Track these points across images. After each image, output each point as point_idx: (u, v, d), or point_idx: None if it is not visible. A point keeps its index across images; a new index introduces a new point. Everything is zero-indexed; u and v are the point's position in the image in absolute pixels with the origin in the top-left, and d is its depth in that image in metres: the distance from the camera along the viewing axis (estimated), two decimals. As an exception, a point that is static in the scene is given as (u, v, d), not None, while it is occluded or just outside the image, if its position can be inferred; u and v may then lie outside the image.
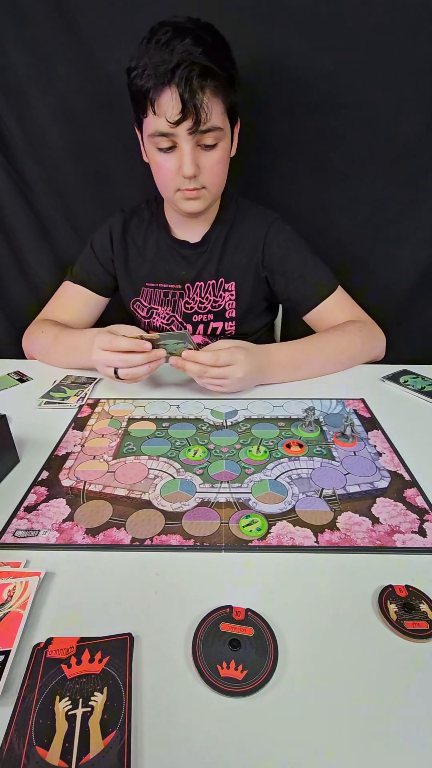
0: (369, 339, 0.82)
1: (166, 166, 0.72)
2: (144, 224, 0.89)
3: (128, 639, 0.34)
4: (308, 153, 0.95)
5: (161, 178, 0.75)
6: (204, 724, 0.30)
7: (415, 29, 0.81)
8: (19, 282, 1.12)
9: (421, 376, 0.77)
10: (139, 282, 0.90)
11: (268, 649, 0.34)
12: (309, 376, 0.78)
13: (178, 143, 0.69)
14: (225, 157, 0.74)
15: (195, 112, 0.65)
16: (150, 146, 0.72)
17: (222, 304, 0.88)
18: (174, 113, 0.65)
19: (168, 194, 0.77)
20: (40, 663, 0.33)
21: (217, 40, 0.66)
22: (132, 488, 0.51)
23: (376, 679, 0.33)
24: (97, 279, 0.90)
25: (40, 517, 0.47)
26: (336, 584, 0.40)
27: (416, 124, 0.89)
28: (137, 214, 0.90)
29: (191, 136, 0.67)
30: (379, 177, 0.96)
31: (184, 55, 0.62)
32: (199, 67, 0.62)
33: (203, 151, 0.71)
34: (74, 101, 0.93)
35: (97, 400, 0.70)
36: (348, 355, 0.80)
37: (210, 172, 0.73)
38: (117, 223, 0.89)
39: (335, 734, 0.30)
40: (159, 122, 0.67)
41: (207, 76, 0.64)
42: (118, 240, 0.89)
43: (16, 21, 0.86)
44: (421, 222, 0.99)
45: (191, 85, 0.63)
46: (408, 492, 0.50)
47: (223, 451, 0.58)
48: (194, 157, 0.70)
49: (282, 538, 0.44)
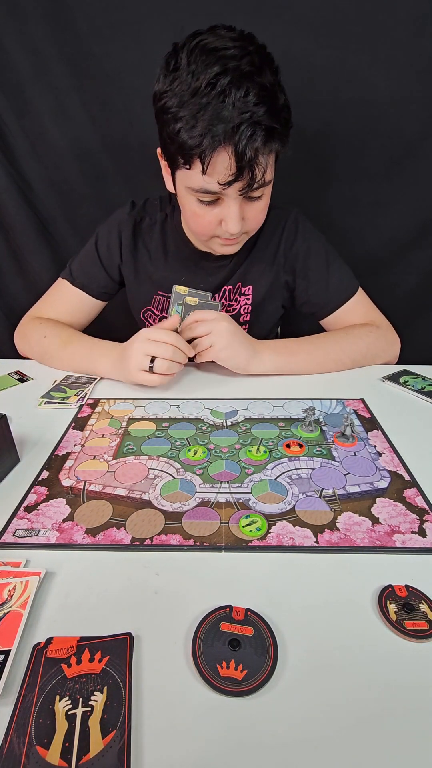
0: (375, 343, 0.80)
1: (207, 219, 0.67)
2: (157, 226, 0.83)
3: (128, 639, 0.34)
4: (309, 152, 0.95)
5: (198, 227, 0.70)
6: (204, 724, 0.30)
7: (418, 28, 0.81)
8: (19, 282, 1.12)
9: (421, 377, 0.77)
10: (152, 290, 0.85)
11: (268, 649, 0.34)
12: (305, 370, 0.77)
13: (223, 199, 0.64)
14: (268, 201, 0.69)
15: (251, 174, 0.59)
16: (186, 195, 0.66)
17: (237, 308, 0.85)
18: (227, 174, 0.59)
19: (202, 239, 0.73)
20: (40, 663, 0.33)
21: (276, 79, 0.58)
22: (132, 488, 0.51)
23: (376, 679, 0.33)
24: (97, 284, 0.85)
25: (40, 516, 0.47)
26: (336, 584, 0.40)
27: (419, 123, 0.89)
28: (149, 213, 0.84)
29: (241, 195, 0.63)
30: (380, 177, 0.96)
31: (246, 116, 0.55)
32: (262, 129, 0.56)
33: (248, 202, 0.66)
34: (74, 100, 0.93)
35: (97, 400, 0.70)
36: (350, 357, 0.79)
37: (254, 221, 0.69)
38: (126, 225, 0.82)
39: (335, 734, 0.30)
40: (207, 181, 0.61)
41: (271, 139, 0.58)
42: (128, 246, 0.83)
43: (15, 19, 0.86)
44: (423, 223, 0.99)
45: (253, 147, 0.56)
46: (408, 492, 0.50)
47: (223, 451, 0.58)
48: (241, 213, 0.65)
49: (282, 538, 0.44)
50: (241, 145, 0.56)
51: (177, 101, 0.57)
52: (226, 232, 0.67)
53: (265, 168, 0.60)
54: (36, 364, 0.83)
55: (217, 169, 0.59)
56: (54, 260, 1.09)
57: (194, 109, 0.55)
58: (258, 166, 0.59)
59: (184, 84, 0.56)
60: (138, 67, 0.88)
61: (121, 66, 0.89)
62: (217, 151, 0.57)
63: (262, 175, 0.61)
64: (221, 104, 0.54)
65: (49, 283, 0.91)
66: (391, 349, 0.83)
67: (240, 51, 0.55)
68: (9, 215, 1.02)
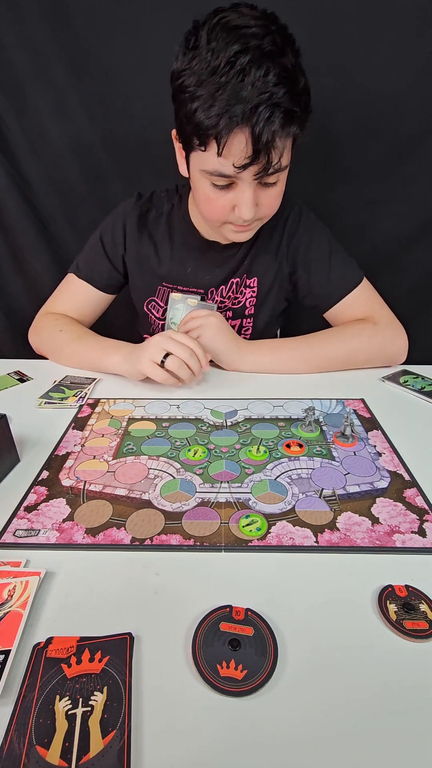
0: (369, 341, 0.77)
1: (220, 203, 0.66)
2: (163, 218, 0.82)
3: (128, 639, 0.34)
4: (308, 152, 0.94)
5: (210, 211, 0.69)
6: (204, 723, 0.30)
7: (418, 27, 0.81)
8: (19, 282, 1.12)
9: (421, 376, 0.77)
10: (156, 281, 0.85)
11: (268, 649, 0.34)
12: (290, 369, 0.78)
13: (237, 183, 0.63)
14: (283, 188, 0.68)
15: (267, 158, 0.57)
16: (200, 178, 0.65)
17: (242, 301, 0.85)
18: (242, 157, 0.57)
19: (214, 225, 0.72)
20: (40, 662, 0.33)
21: (297, 61, 0.57)
22: (132, 488, 0.51)
23: (375, 679, 0.33)
24: (103, 276, 0.85)
25: (40, 516, 0.47)
26: (336, 584, 0.40)
27: (419, 123, 0.89)
28: (155, 204, 0.83)
29: (256, 180, 0.61)
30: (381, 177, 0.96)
31: (265, 96, 0.53)
32: (281, 110, 0.54)
33: (263, 187, 0.64)
34: (73, 99, 0.93)
35: (97, 400, 0.70)
36: (340, 357, 0.78)
37: (268, 208, 0.68)
38: (131, 215, 0.81)
39: (335, 734, 0.30)
40: (222, 164, 0.59)
41: (290, 122, 0.56)
42: (132, 236, 0.82)
43: (14, 18, 0.86)
44: (423, 223, 0.99)
45: (271, 130, 0.54)
46: (408, 492, 0.50)
47: (223, 451, 0.58)
48: (255, 198, 0.64)
49: (282, 538, 0.44)
50: (259, 127, 0.54)
51: (195, 80, 0.55)
52: (239, 219, 0.66)
53: (281, 152, 0.59)
54: (36, 364, 0.83)
55: (232, 152, 0.57)
56: (54, 260, 1.09)
57: (212, 88, 0.54)
58: (275, 150, 0.57)
59: (203, 62, 0.54)
60: (138, 66, 0.88)
61: (120, 65, 0.89)
62: (233, 133, 0.55)
63: (279, 160, 0.59)
64: (240, 83, 0.53)
65: (49, 282, 0.91)
66: (391, 347, 0.79)
67: (262, 30, 0.53)
68: (9, 215, 1.02)
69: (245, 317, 0.86)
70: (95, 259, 0.85)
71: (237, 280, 0.83)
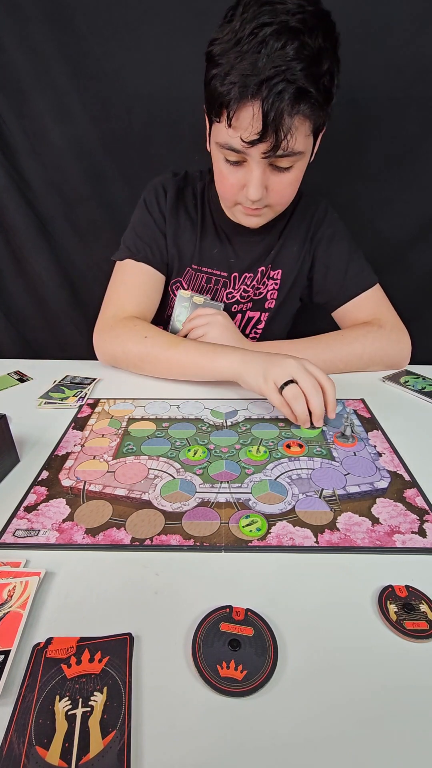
0: (374, 344, 0.77)
1: (230, 180, 0.65)
2: (197, 198, 0.80)
3: (128, 639, 0.34)
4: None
5: (222, 189, 0.69)
6: (204, 724, 0.30)
7: (418, 28, 0.81)
8: (19, 282, 1.12)
9: (422, 377, 0.77)
10: (186, 262, 0.81)
11: (268, 649, 0.34)
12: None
13: (248, 161, 0.62)
14: (299, 178, 0.66)
15: (275, 137, 0.56)
16: (216, 152, 0.64)
17: (264, 293, 0.84)
18: (251, 132, 0.56)
19: (226, 204, 0.72)
20: (40, 663, 0.33)
21: (327, 46, 0.55)
22: (132, 488, 0.51)
23: (375, 680, 0.33)
24: (162, 253, 0.78)
25: (40, 517, 0.47)
26: (336, 584, 0.40)
27: (419, 123, 0.89)
28: (190, 183, 0.81)
29: (265, 160, 0.60)
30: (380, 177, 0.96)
31: (279, 69, 0.51)
32: (294, 87, 0.52)
33: (275, 171, 0.63)
34: (74, 99, 0.93)
35: (97, 400, 0.70)
36: (342, 359, 0.77)
37: (278, 194, 0.66)
38: (171, 188, 0.78)
39: (335, 734, 0.30)
40: (231, 137, 0.59)
41: (301, 100, 0.54)
42: (171, 209, 0.78)
43: (15, 19, 0.86)
44: (423, 224, 0.99)
45: (279, 107, 0.53)
46: (408, 492, 0.50)
47: (223, 451, 0.58)
48: (263, 179, 0.62)
49: (282, 538, 0.44)
50: (268, 103, 0.53)
51: (221, 49, 0.55)
52: (247, 200, 0.65)
53: (293, 133, 0.56)
54: (36, 364, 0.83)
55: (241, 124, 0.57)
56: (54, 260, 1.09)
57: (232, 57, 0.53)
58: (283, 128, 0.55)
59: (231, 33, 0.54)
60: (138, 67, 0.88)
61: (121, 66, 0.89)
62: (242, 103, 0.55)
63: (290, 144, 0.57)
64: (257, 54, 0.52)
65: (50, 282, 0.90)
66: (394, 349, 0.80)
67: (296, 8, 0.52)
68: (9, 215, 1.03)
69: (264, 311, 0.85)
70: (149, 235, 0.78)
71: (263, 268, 0.82)
